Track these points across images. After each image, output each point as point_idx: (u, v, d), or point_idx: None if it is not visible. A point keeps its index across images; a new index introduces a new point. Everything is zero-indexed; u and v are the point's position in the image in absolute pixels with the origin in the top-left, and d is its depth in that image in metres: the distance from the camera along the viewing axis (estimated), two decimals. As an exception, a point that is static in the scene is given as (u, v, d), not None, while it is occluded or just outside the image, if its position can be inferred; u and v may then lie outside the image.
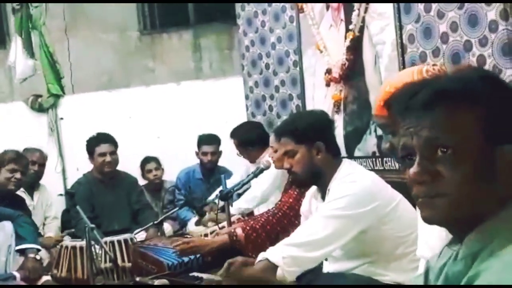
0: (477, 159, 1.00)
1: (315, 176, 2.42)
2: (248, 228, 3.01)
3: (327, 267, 2.46)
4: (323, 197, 2.46)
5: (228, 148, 4.87)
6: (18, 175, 3.89)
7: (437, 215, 1.03)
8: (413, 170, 1.03)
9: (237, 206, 3.86)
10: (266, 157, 3.55)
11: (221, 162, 4.93)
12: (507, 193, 1.02)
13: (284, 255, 2.19)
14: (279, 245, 2.28)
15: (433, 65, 1.88)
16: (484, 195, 1.01)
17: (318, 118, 2.53)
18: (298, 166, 2.40)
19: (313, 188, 2.57)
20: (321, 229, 2.23)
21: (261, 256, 2.25)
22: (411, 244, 2.17)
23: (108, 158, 4.43)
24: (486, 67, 2.96)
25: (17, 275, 3.27)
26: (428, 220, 1.05)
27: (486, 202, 1.02)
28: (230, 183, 3.66)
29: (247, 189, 3.95)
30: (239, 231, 2.97)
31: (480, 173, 1.01)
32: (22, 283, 3.22)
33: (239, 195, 4.09)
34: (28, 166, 4.16)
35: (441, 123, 1.01)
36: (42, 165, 4.70)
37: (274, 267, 2.19)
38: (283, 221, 3.02)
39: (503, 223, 1.01)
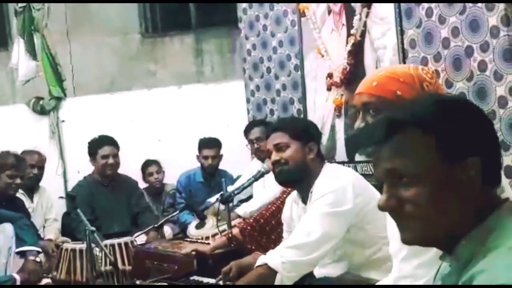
0: (438, 180, 1.05)
1: (302, 173, 2.45)
2: (242, 224, 3.06)
3: (316, 272, 2.47)
4: (304, 201, 2.48)
5: (229, 151, 4.88)
6: (18, 181, 3.89)
7: (414, 237, 1.09)
8: (381, 198, 1.11)
9: (243, 209, 3.88)
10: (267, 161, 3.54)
11: (222, 166, 4.93)
12: (483, 202, 1.06)
13: (284, 260, 2.21)
14: (279, 249, 2.28)
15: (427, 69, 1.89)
16: (457, 210, 1.05)
17: (312, 124, 2.70)
18: (290, 159, 2.44)
19: (293, 193, 2.59)
20: (316, 229, 2.25)
21: (261, 260, 2.26)
22: None
23: (110, 160, 4.44)
24: (487, 72, 2.96)
25: (17, 277, 3.27)
26: (408, 242, 1.11)
27: (463, 216, 1.05)
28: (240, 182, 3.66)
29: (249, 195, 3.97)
30: (235, 230, 2.99)
31: (445, 192, 1.05)
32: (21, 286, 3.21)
33: (244, 200, 4.11)
34: (27, 169, 4.16)
35: (396, 153, 1.07)
36: (41, 168, 4.70)
37: (274, 272, 2.20)
38: (277, 215, 3.03)
39: (492, 228, 1.03)
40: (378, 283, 1.98)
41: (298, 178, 2.47)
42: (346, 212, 2.27)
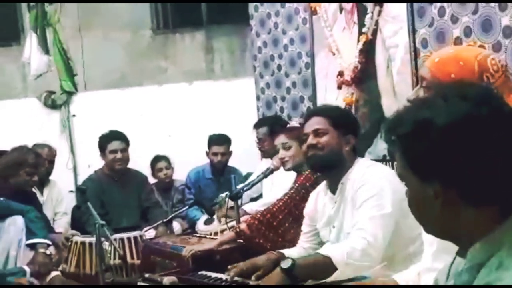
0: (412, 188, 1.11)
1: (336, 162, 2.43)
2: (250, 219, 3.04)
3: None
4: (332, 191, 2.47)
5: (238, 148, 4.89)
6: (35, 178, 3.92)
7: (426, 230, 1.16)
8: None
9: (250, 207, 3.89)
10: (276, 158, 3.55)
11: (231, 162, 4.94)
12: (478, 220, 1.06)
13: (349, 262, 2.21)
14: (345, 247, 2.27)
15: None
16: (439, 221, 1.09)
17: (354, 117, 2.70)
18: (326, 146, 2.42)
19: (318, 188, 2.59)
20: (379, 231, 2.25)
21: (326, 251, 2.28)
22: (420, 244, 2.17)
23: (119, 155, 4.47)
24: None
25: (27, 269, 3.29)
26: (427, 232, 1.17)
27: (472, 228, 1.07)
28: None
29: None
30: (242, 225, 3.01)
31: (419, 200, 1.11)
32: (33, 279, 3.23)
33: (255, 199, 4.13)
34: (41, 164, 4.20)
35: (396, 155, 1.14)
36: (51, 162, 4.73)
37: (334, 267, 2.21)
38: (284, 210, 3.03)
39: (508, 233, 1.03)
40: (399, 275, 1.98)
41: (329, 166, 2.46)
42: (393, 212, 2.28)
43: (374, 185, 2.29)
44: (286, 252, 2.63)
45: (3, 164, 3.82)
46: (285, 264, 2.23)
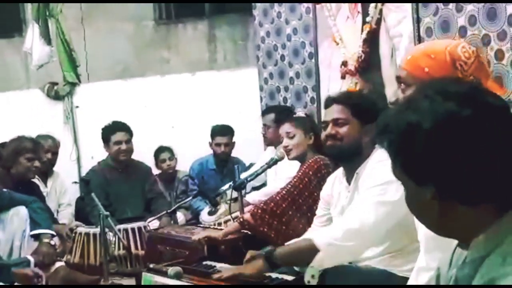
0: (407, 190, 1.11)
1: (354, 152, 2.39)
2: (253, 208, 3.03)
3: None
4: (348, 180, 2.45)
5: (241, 139, 4.89)
6: (36, 163, 3.93)
7: (432, 231, 1.14)
8: None
9: (253, 197, 3.89)
10: (281, 148, 3.54)
11: (234, 153, 4.94)
12: (476, 217, 1.05)
13: (331, 242, 2.15)
14: (328, 229, 2.24)
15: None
16: (435, 220, 1.09)
17: (375, 104, 2.50)
18: (345, 137, 2.38)
19: (337, 172, 2.56)
20: (370, 217, 2.18)
21: (308, 234, 2.24)
22: None
23: (123, 147, 4.48)
24: (504, 61, 2.94)
25: (31, 259, 3.30)
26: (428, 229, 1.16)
27: (472, 225, 1.06)
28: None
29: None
30: (246, 215, 3.00)
31: (413, 200, 1.11)
32: (37, 269, 3.24)
33: (257, 188, 4.12)
34: (43, 153, 4.20)
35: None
36: (55, 153, 4.73)
37: (316, 250, 2.14)
38: (287, 199, 3.02)
39: (509, 227, 1.03)
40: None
41: (348, 156, 2.42)
42: (399, 202, 2.24)
43: (381, 177, 2.22)
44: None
45: (3, 155, 3.83)
46: (264, 251, 2.21)
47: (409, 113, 1.05)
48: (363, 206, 2.24)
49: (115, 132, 4.50)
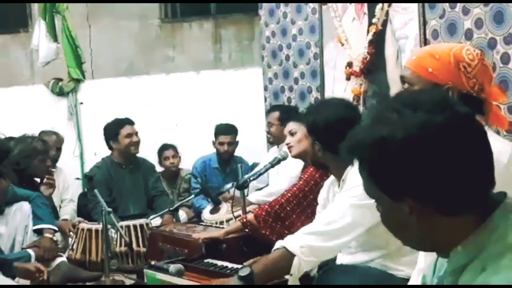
0: (384, 207, 1.09)
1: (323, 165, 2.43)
2: (257, 209, 3.04)
3: (341, 259, 2.46)
4: (339, 185, 2.46)
5: (245, 138, 4.89)
6: (48, 163, 3.99)
7: (405, 244, 1.14)
8: None
9: (255, 197, 3.89)
10: (284, 147, 3.53)
11: (238, 152, 4.94)
12: (458, 227, 1.04)
13: (302, 244, 2.16)
14: (298, 234, 2.26)
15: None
16: (415, 236, 1.07)
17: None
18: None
19: (332, 177, 2.57)
20: (339, 218, 2.20)
21: (279, 244, 2.24)
22: None
23: (135, 138, 4.49)
24: (510, 65, 2.93)
25: (32, 253, 3.30)
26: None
27: (429, 239, 1.06)
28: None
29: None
30: (249, 215, 3.00)
31: (392, 217, 1.09)
32: (39, 264, 3.23)
33: (261, 189, 4.12)
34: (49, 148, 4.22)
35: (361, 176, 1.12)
36: (58, 149, 4.74)
37: (291, 255, 2.15)
38: (292, 202, 3.03)
39: (488, 235, 1.02)
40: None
41: (321, 167, 2.47)
42: (372, 206, 2.23)
43: (358, 181, 2.24)
44: None
45: (15, 159, 3.77)
46: (243, 272, 2.15)
47: (379, 127, 1.03)
48: (334, 208, 2.27)
49: (123, 125, 4.51)
